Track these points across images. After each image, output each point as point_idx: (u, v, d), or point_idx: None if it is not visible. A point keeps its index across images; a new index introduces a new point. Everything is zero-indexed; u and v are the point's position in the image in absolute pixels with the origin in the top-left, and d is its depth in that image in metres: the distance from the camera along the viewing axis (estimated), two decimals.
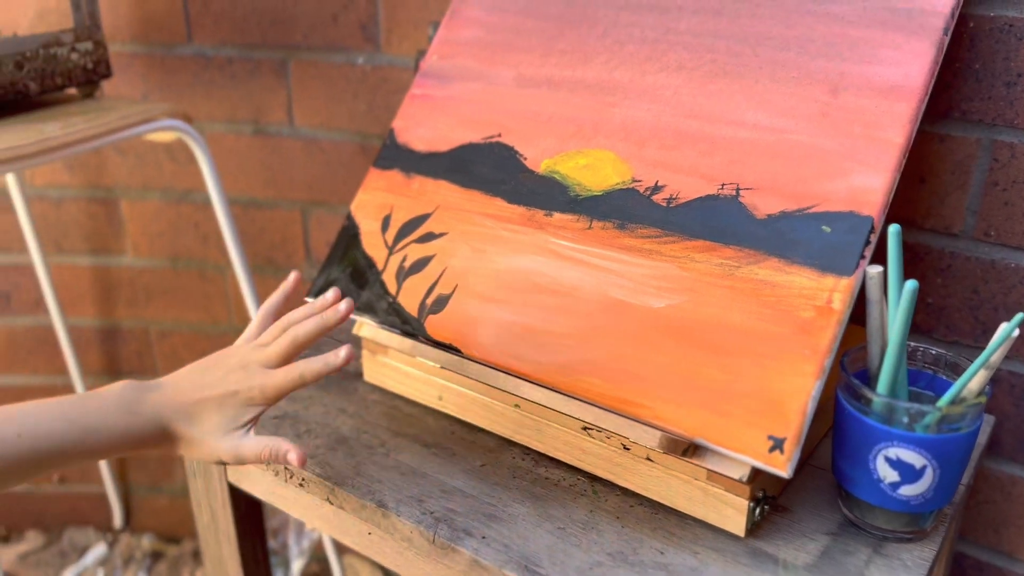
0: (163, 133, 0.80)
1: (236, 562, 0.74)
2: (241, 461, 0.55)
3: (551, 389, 0.57)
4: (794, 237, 0.53)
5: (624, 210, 0.60)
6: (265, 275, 1.13)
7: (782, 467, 0.48)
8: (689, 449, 0.53)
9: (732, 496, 0.53)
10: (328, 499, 0.61)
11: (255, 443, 0.55)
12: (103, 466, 1.32)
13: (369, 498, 0.59)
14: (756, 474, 0.52)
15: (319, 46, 0.98)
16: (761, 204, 0.55)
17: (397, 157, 0.72)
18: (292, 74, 1.01)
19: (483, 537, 0.55)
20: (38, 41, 0.75)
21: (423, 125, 0.72)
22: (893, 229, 0.46)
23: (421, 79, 0.75)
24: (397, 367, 0.69)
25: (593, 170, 0.63)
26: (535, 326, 0.60)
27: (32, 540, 1.43)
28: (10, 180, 1.06)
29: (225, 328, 1.19)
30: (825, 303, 0.51)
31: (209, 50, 1.03)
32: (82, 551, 1.39)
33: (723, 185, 0.57)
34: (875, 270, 0.51)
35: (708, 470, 0.53)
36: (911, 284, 0.47)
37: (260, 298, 1.05)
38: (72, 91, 0.87)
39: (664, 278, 0.56)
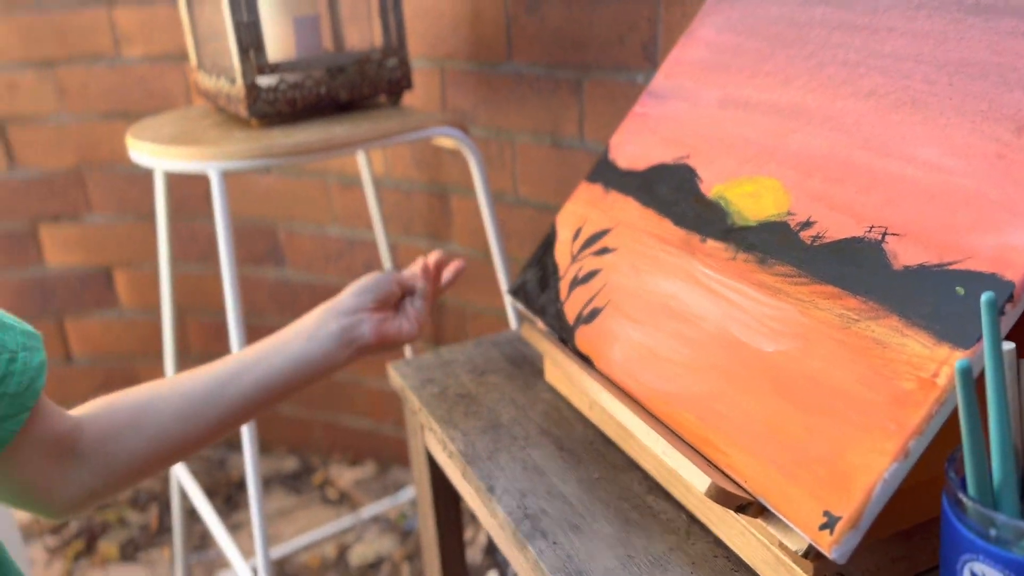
0: (444, 139, 0.92)
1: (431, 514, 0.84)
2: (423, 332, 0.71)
3: (645, 415, 0.56)
4: (923, 295, 0.45)
5: (769, 244, 0.56)
6: None
7: (827, 548, 0.42)
8: (752, 507, 0.48)
9: (799, 571, 0.47)
10: (463, 473, 0.67)
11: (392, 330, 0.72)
12: None
13: (484, 480, 0.63)
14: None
15: (608, 66, 1.03)
16: (902, 253, 0.48)
17: (604, 172, 0.75)
18: (585, 92, 1.07)
19: (554, 543, 0.56)
20: (353, 57, 0.92)
21: (632, 143, 0.74)
22: (986, 298, 0.37)
23: (645, 97, 0.76)
24: (564, 371, 0.72)
25: (756, 199, 0.59)
26: (658, 351, 0.59)
27: (368, 469, 1.71)
28: (363, 169, 1.29)
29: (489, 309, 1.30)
30: (930, 376, 0.43)
31: (523, 69, 1.14)
32: (399, 487, 1.63)
33: (871, 228, 0.50)
34: (1006, 347, 0.41)
35: (771, 535, 0.48)
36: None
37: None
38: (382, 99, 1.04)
39: (782, 321, 0.52)
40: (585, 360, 0.64)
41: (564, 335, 0.68)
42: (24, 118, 1.55)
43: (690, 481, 0.49)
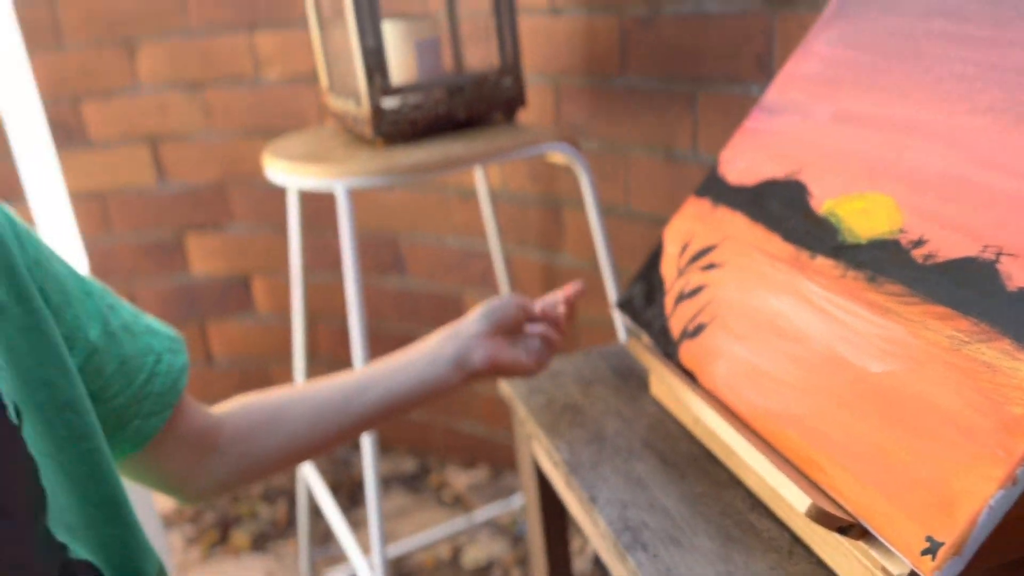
0: (555, 155, 0.95)
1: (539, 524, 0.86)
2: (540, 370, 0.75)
3: (747, 431, 0.56)
4: None
5: (880, 262, 0.55)
6: None
7: (928, 573, 0.42)
8: (854, 530, 0.48)
9: None
10: (566, 482, 0.69)
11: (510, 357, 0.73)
12: None
13: (587, 490, 0.65)
14: None
15: (722, 78, 1.03)
16: (1017, 274, 0.46)
17: (712, 187, 0.75)
18: (699, 104, 1.07)
19: (655, 556, 0.57)
20: (471, 78, 0.96)
21: (742, 157, 0.74)
22: None
23: (756, 112, 0.76)
24: (670, 385, 0.73)
25: (867, 215, 0.58)
26: (763, 368, 0.59)
27: (482, 474, 1.75)
28: (480, 183, 1.33)
29: (599, 320, 1.31)
30: None
31: (637, 82, 1.15)
32: (511, 493, 1.66)
33: (985, 247, 0.49)
34: None
35: (872, 558, 0.47)
36: None
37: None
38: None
39: (891, 341, 0.51)
40: (689, 375, 0.65)
41: (669, 350, 0.68)
42: (173, 135, 1.68)
43: (790, 500, 0.49)
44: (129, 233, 1.76)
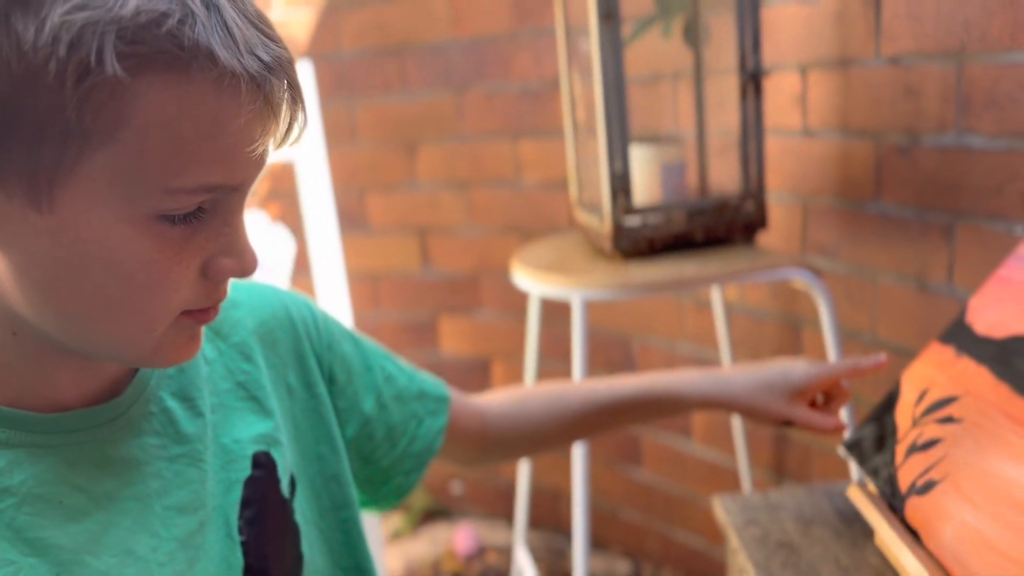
0: (794, 280, 0.95)
1: None
2: (808, 425, 0.75)
3: None
4: None
5: None
6: None
7: None
8: None
9: None
10: None
11: (822, 417, 0.76)
12: None
13: None
14: None
15: (983, 213, 0.98)
16: None
17: (958, 335, 0.72)
18: (957, 237, 1.02)
19: None
20: (713, 201, 0.99)
21: (992, 308, 0.70)
22: None
23: (1012, 260, 0.72)
24: (889, 542, 0.69)
25: None
26: (991, 540, 0.55)
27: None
28: (715, 295, 1.34)
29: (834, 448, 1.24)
30: None
31: (890, 209, 1.12)
32: None
33: None
34: None
35: None
36: None
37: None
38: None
39: None
40: (913, 534, 0.62)
41: (895, 503, 0.66)
42: (440, 228, 1.86)
43: None
44: (393, 311, 1.96)
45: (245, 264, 0.45)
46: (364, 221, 1.92)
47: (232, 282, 0.60)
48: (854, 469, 1.04)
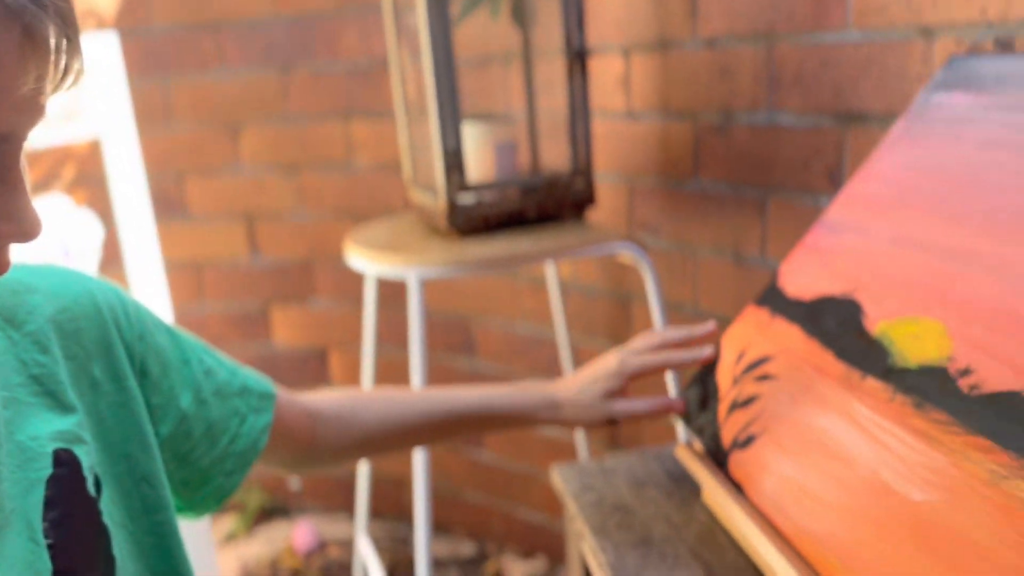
0: (622, 254, 0.98)
1: None
2: (633, 416, 0.76)
3: (791, 554, 0.56)
4: None
5: (927, 389, 0.55)
6: None
7: None
8: None
9: None
10: None
11: (645, 402, 0.76)
12: None
13: None
14: None
15: (792, 187, 1.05)
16: None
17: (772, 298, 0.76)
18: (769, 211, 1.09)
19: None
20: (544, 179, 1.01)
21: (801, 271, 0.75)
22: None
23: (817, 228, 0.77)
24: (715, 497, 0.73)
25: (918, 340, 0.59)
26: (808, 487, 0.59)
27: (539, 564, 1.73)
28: (549, 272, 1.36)
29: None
30: None
31: (708, 186, 1.18)
32: None
33: None
34: None
35: None
36: None
37: None
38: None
39: (933, 470, 0.51)
40: (737, 487, 0.65)
41: (719, 458, 0.69)
42: (268, 213, 1.78)
43: None
44: (219, 302, 1.86)
45: (24, 228, 0.40)
46: (184, 207, 1.81)
47: (30, 266, 0.54)
48: (681, 431, 1.09)
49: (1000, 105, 0.66)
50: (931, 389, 0.55)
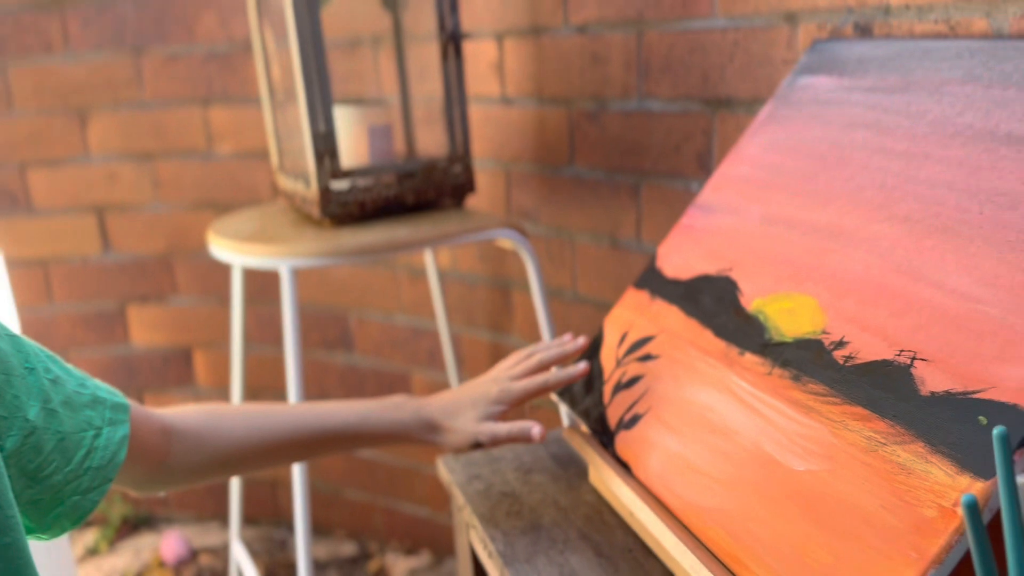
0: (502, 240, 0.97)
1: None
2: (495, 441, 0.72)
3: (678, 528, 0.57)
4: (948, 422, 0.46)
5: (803, 361, 0.57)
6: None
7: None
8: None
9: None
10: (500, 575, 0.68)
11: (505, 426, 0.72)
12: None
13: None
14: None
15: (664, 172, 1.07)
16: (929, 379, 0.48)
17: (651, 280, 0.77)
18: (643, 196, 1.11)
19: None
20: (421, 164, 0.98)
21: (677, 252, 0.76)
22: (998, 433, 0.38)
23: (691, 209, 0.79)
24: (603, 477, 0.73)
25: (793, 315, 0.60)
26: (693, 463, 0.59)
27: (423, 559, 1.71)
28: (428, 262, 1.34)
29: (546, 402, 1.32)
30: (951, 505, 0.43)
31: (584, 172, 1.18)
32: None
33: (901, 351, 0.51)
34: (1022, 480, 0.41)
35: None
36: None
37: None
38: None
39: (813, 440, 0.52)
40: (624, 466, 0.66)
41: (605, 440, 0.69)
42: (121, 206, 1.67)
43: None
44: (70, 303, 1.73)
45: None
46: (27, 201, 1.67)
47: None
48: (564, 416, 1.09)
49: (862, 87, 0.69)
50: (807, 362, 0.57)
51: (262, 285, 1.64)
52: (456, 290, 1.45)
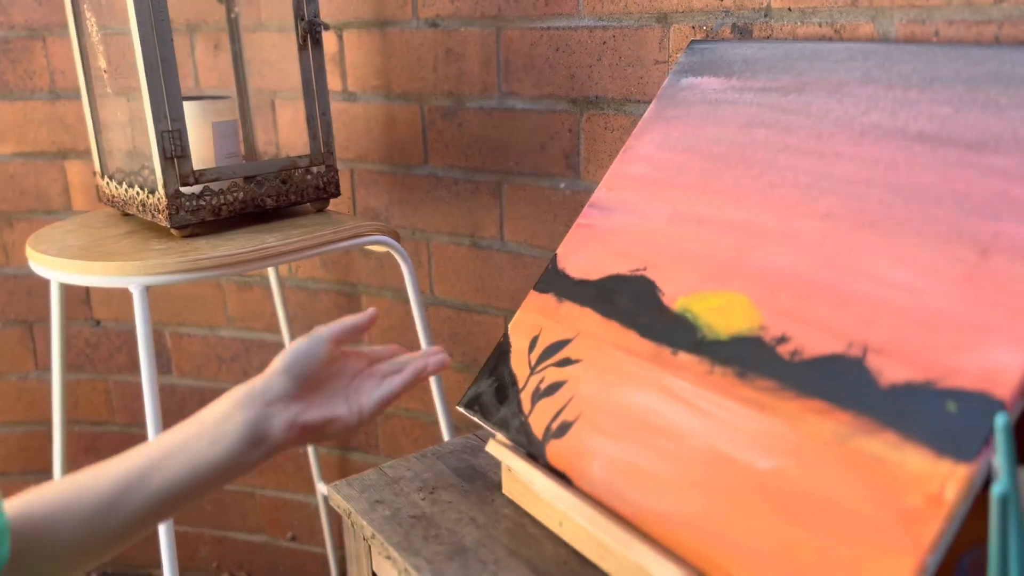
0: (375, 245, 0.91)
1: None
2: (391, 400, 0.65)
3: (642, 537, 0.55)
4: (915, 411, 0.48)
5: (746, 358, 0.57)
6: (471, 373, 1.20)
7: None
8: None
9: None
10: None
11: (398, 378, 0.66)
12: (325, 529, 1.44)
13: None
14: None
15: (529, 171, 1.05)
16: (887, 370, 0.50)
17: (554, 282, 0.75)
18: (505, 195, 1.09)
19: None
20: (278, 164, 0.90)
21: (580, 253, 0.75)
22: (1001, 423, 0.40)
23: (588, 209, 0.78)
24: (527, 486, 0.71)
25: (724, 313, 0.61)
26: (642, 468, 0.58)
27: None
28: (271, 270, 1.24)
29: (415, 413, 1.27)
30: (937, 491, 0.45)
31: (440, 171, 1.14)
32: None
33: (851, 344, 0.53)
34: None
35: None
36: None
37: (443, 386, 1.12)
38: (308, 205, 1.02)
39: (774, 436, 0.53)
40: (561, 477, 0.63)
41: (532, 450, 0.67)
42: None
43: None
44: None
45: None
46: None
47: None
48: (445, 431, 1.05)
49: (753, 87, 0.72)
50: (750, 358, 0.57)
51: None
52: (295, 297, 1.36)
